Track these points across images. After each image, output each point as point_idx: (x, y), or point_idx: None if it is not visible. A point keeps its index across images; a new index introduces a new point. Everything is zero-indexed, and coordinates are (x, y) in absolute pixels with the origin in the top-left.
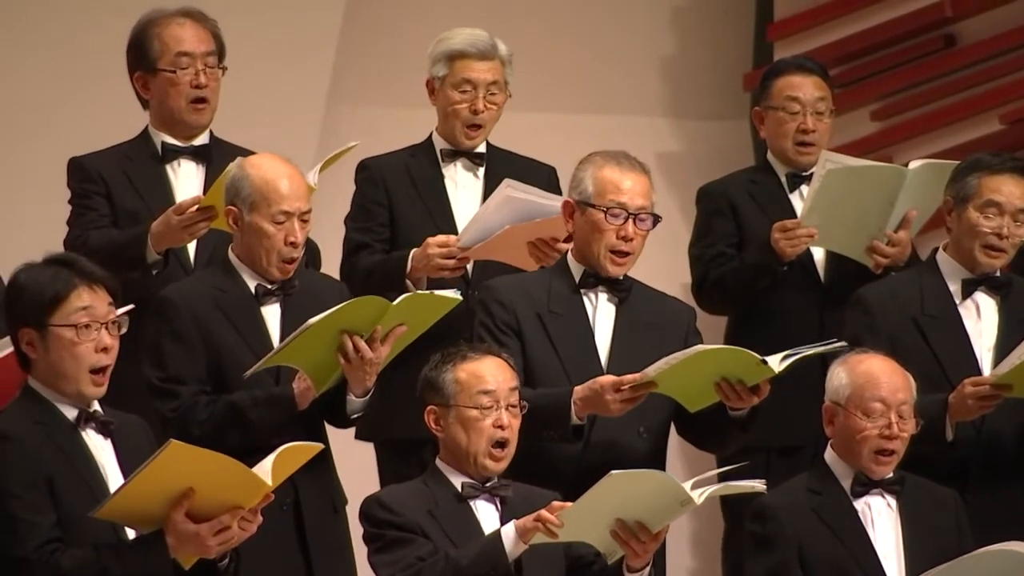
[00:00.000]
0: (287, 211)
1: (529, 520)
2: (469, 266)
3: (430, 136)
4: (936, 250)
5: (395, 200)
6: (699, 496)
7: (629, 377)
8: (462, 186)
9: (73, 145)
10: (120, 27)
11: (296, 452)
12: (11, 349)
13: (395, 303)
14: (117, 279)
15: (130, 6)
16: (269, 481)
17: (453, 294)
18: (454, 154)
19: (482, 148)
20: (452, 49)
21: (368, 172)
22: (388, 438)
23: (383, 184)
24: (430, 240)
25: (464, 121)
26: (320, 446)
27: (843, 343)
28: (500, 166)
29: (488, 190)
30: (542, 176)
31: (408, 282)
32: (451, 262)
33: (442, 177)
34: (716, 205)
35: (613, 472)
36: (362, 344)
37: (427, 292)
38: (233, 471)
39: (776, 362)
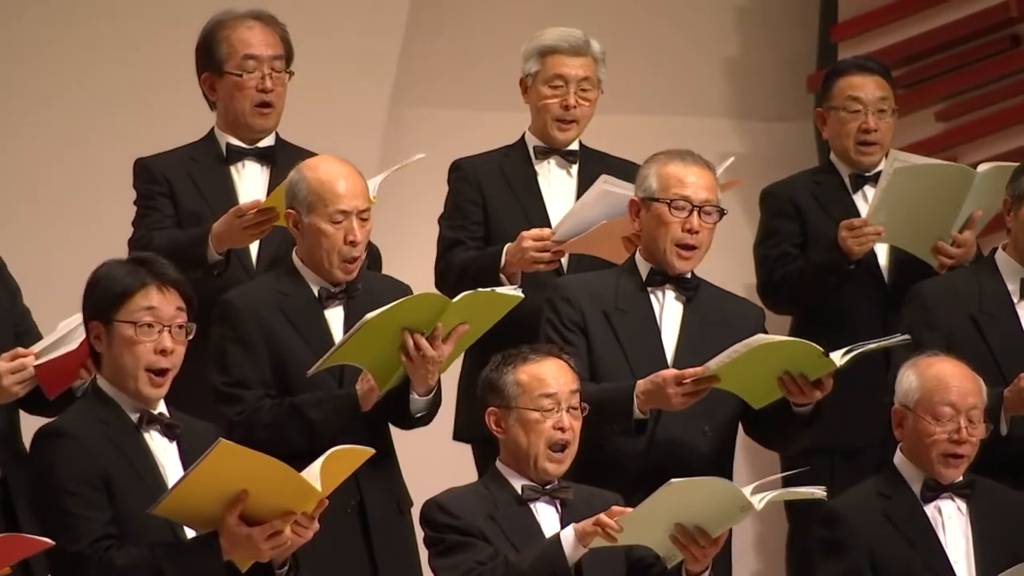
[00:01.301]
0: (344, 210)
1: (588, 524)
2: (564, 262)
3: (523, 135)
4: (995, 249)
5: (489, 199)
6: (759, 502)
7: (691, 371)
8: (555, 183)
9: (141, 146)
10: (190, 28)
11: (346, 456)
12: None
13: (454, 300)
14: (193, 284)
15: (200, 7)
16: (318, 486)
17: (515, 292)
18: (547, 152)
19: (575, 146)
20: (544, 45)
21: (462, 172)
22: (487, 437)
23: (477, 183)
24: (525, 234)
25: (555, 117)
26: (371, 451)
27: (906, 337)
28: (593, 164)
29: (582, 188)
30: (633, 176)
31: (502, 276)
32: (546, 255)
33: (535, 175)
34: (780, 206)
35: (673, 480)
36: (423, 342)
37: (488, 290)
38: (282, 475)
39: (838, 356)
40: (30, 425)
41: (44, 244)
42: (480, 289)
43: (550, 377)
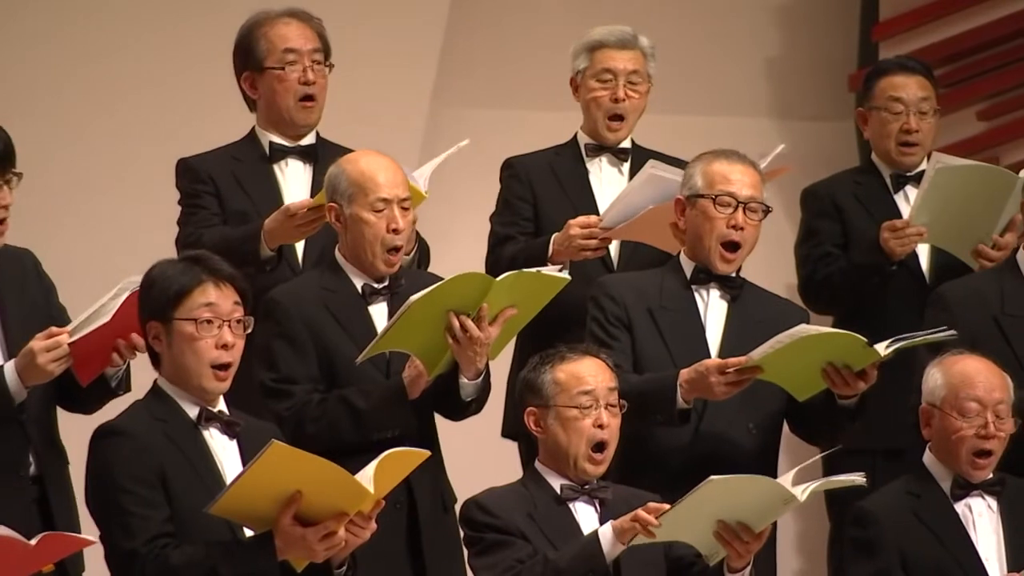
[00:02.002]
0: (385, 198)
1: (626, 520)
2: (615, 253)
3: (575, 135)
4: (1017, 250)
5: (540, 197)
6: (802, 493)
7: (734, 360)
8: (607, 182)
9: (182, 147)
10: (226, 30)
11: (401, 458)
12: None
13: (499, 279)
14: (247, 279)
15: (236, 9)
16: (371, 488)
17: (561, 273)
18: (598, 149)
19: (626, 144)
20: (592, 40)
21: (513, 170)
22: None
23: (528, 181)
24: (572, 221)
25: (606, 111)
26: (426, 453)
27: (952, 332)
28: (644, 162)
29: None
30: None
31: (551, 267)
32: (592, 242)
33: (586, 173)
34: (821, 206)
35: (713, 478)
36: (468, 322)
37: (533, 271)
38: (335, 476)
39: (883, 347)
40: (75, 426)
41: (86, 244)
42: (525, 269)
43: (588, 375)
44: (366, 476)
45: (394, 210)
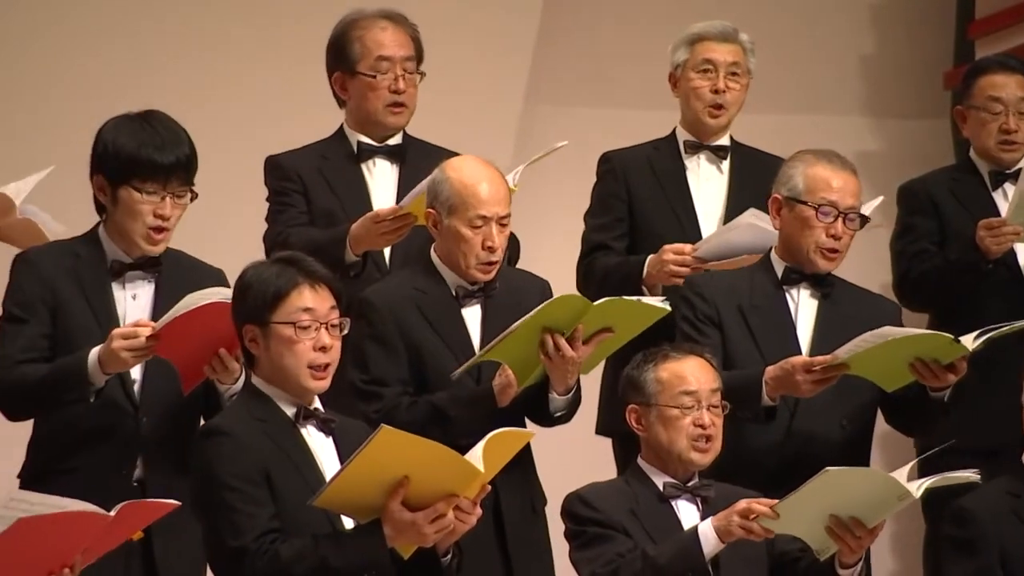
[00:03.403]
0: (485, 215)
1: (734, 523)
2: None
3: (673, 130)
4: None
5: (635, 193)
6: (917, 489)
7: (820, 358)
8: (704, 179)
9: (271, 144)
10: (319, 27)
11: (507, 438)
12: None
13: (596, 304)
14: (341, 281)
15: (329, 6)
16: (481, 468)
17: (661, 304)
18: (697, 147)
19: (725, 141)
20: (693, 33)
21: (610, 164)
22: (629, 432)
23: (624, 177)
24: (667, 247)
25: (706, 102)
26: (531, 433)
27: None
28: (744, 160)
29: (733, 182)
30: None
31: (644, 288)
32: (685, 270)
33: (684, 169)
34: (918, 203)
35: (829, 469)
36: (562, 342)
37: (633, 299)
38: (445, 458)
39: (970, 340)
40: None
41: (174, 241)
42: (625, 296)
43: (691, 375)
44: (475, 456)
45: (492, 227)
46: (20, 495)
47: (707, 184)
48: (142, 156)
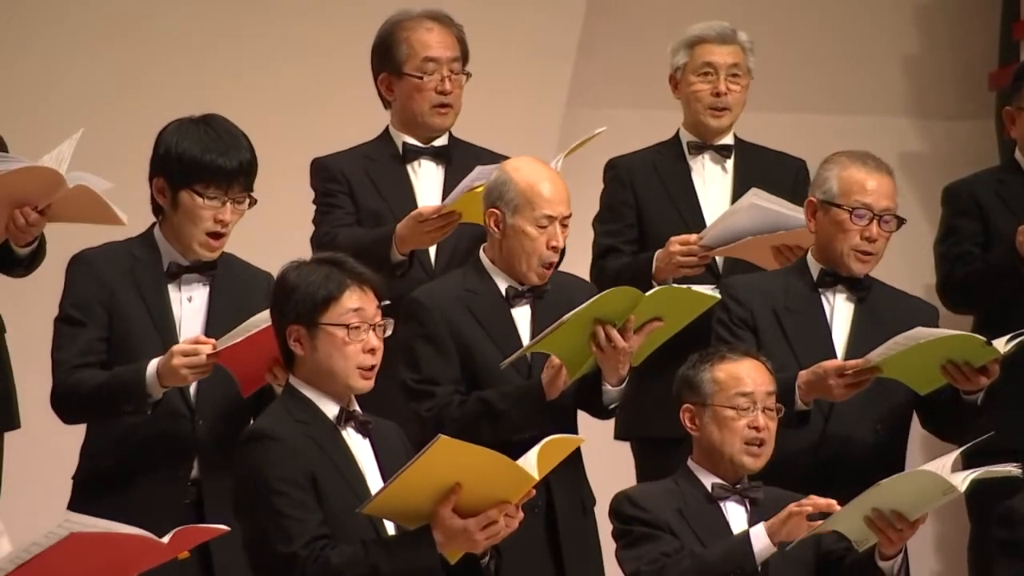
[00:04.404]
0: (551, 215)
1: (792, 524)
2: (720, 262)
3: (676, 132)
4: None
5: (642, 197)
6: (962, 482)
7: (853, 362)
8: (710, 180)
9: (317, 146)
10: (365, 28)
11: (559, 444)
12: (263, 327)
13: (648, 294)
14: (384, 281)
15: (377, 6)
16: (536, 474)
17: (711, 291)
18: (700, 147)
19: (729, 140)
20: (691, 36)
21: (616, 171)
22: (647, 436)
23: (630, 183)
24: (673, 239)
25: (706, 105)
26: (582, 439)
27: None
28: (748, 158)
29: (737, 181)
30: (791, 170)
31: (654, 283)
32: (692, 259)
33: (689, 171)
34: (962, 204)
35: (881, 482)
36: (614, 333)
37: (684, 287)
38: (500, 465)
39: (1002, 343)
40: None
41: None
42: (675, 285)
43: (747, 376)
44: (529, 463)
45: (556, 227)
46: (74, 517)
47: (712, 184)
48: (206, 160)
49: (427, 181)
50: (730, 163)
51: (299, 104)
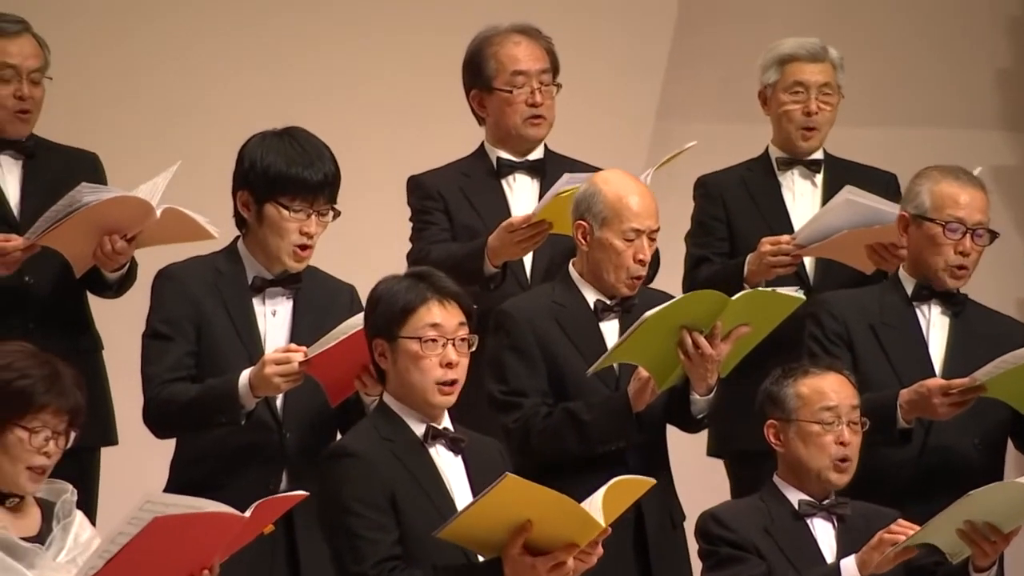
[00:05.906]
0: (638, 228)
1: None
2: (810, 269)
3: (766, 148)
4: None
5: (733, 214)
6: None
7: (958, 381)
8: (799, 194)
9: (414, 163)
10: (457, 44)
11: (628, 486)
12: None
13: (734, 298)
14: (471, 296)
15: (466, 22)
16: (601, 520)
17: (796, 293)
18: (790, 163)
19: (819, 155)
20: (782, 53)
21: (705, 188)
22: (739, 450)
23: (720, 199)
24: (764, 239)
25: (798, 124)
26: (651, 481)
27: None
28: (838, 173)
29: (827, 197)
30: (881, 183)
31: (746, 286)
32: (784, 259)
33: (779, 187)
34: None
35: (972, 492)
36: (701, 340)
37: (768, 290)
38: (565, 508)
39: None
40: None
41: (317, 260)
42: (760, 288)
43: (831, 391)
44: (595, 507)
45: (643, 241)
46: (156, 497)
47: (802, 199)
48: (291, 173)
49: (522, 195)
50: (820, 178)
51: (393, 118)
